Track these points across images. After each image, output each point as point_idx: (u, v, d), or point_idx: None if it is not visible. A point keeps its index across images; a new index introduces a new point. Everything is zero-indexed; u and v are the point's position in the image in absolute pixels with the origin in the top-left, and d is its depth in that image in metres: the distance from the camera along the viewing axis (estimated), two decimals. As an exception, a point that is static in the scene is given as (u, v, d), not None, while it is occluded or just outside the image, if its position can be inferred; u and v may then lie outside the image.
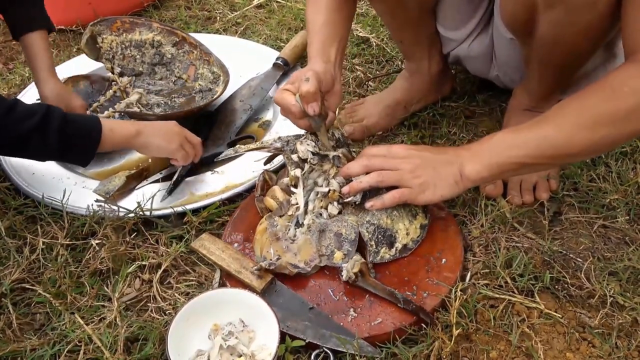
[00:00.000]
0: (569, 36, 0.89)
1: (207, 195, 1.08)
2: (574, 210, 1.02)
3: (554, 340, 0.83)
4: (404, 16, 1.11)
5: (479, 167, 0.84)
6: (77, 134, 0.96)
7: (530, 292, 0.88)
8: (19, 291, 0.93)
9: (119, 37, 1.33)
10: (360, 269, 0.85)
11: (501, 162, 0.84)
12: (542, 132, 0.81)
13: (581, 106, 0.80)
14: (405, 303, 0.83)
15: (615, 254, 0.94)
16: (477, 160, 0.84)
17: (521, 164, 0.83)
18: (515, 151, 0.83)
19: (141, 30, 1.35)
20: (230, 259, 0.90)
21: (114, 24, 1.32)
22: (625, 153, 1.12)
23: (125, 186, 1.08)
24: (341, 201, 0.93)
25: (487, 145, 0.85)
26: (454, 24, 1.13)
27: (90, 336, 0.84)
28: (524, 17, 0.92)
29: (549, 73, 1.02)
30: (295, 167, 0.96)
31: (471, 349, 0.82)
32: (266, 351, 0.79)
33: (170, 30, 1.37)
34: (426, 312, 0.82)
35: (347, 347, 0.79)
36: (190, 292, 0.92)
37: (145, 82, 1.33)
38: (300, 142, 0.96)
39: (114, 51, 1.32)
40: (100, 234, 1.00)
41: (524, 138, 0.83)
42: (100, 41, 1.30)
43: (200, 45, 1.36)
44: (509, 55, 1.10)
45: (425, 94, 1.25)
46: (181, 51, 1.37)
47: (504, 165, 0.84)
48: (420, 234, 0.93)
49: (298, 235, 0.91)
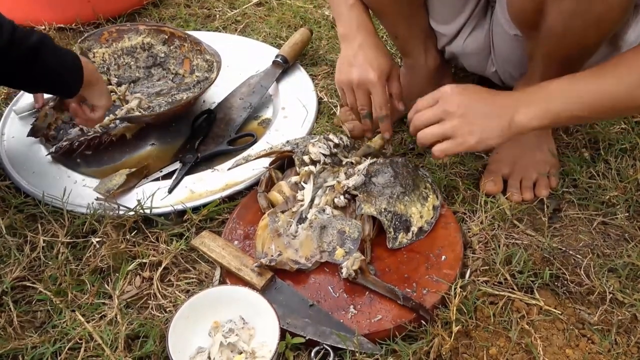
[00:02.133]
0: (578, 27, 0.87)
1: (207, 193, 1.08)
2: (573, 207, 1.03)
3: (553, 336, 0.83)
4: (396, 10, 1.11)
5: (532, 115, 0.83)
6: (65, 58, 0.99)
7: (529, 288, 0.89)
8: (19, 289, 0.94)
9: (110, 48, 1.34)
10: (360, 266, 0.85)
11: (557, 112, 0.82)
12: (603, 83, 0.80)
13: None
14: (405, 300, 0.83)
15: (614, 251, 0.95)
16: (531, 107, 0.83)
17: (577, 116, 0.83)
18: (573, 101, 0.81)
19: (129, 36, 1.36)
20: (230, 256, 0.91)
21: (101, 36, 1.34)
22: (625, 150, 1.12)
23: (125, 184, 1.08)
24: (347, 196, 0.94)
25: (545, 93, 0.83)
26: (443, 18, 1.12)
27: (91, 334, 0.84)
28: (533, 8, 0.90)
29: (553, 68, 1.01)
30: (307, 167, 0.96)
31: (471, 346, 0.82)
32: (266, 348, 0.79)
33: (157, 29, 1.37)
34: (426, 309, 0.82)
35: (347, 344, 0.80)
36: (191, 290, 0.92)
37: (144, 87, 1.34)
38: (312, 144, 0.97)
39: (108, 63, 1.34)
40: (101, 232, 1.00)
41: (584, 88, 0.81)
42: (92, 56, 1.32)
43: (189, 36, 1.36)
44: (510, 52, 1.09)
45: (424, 89, 1.24)
46: (172, 47, 1.37)
47: (559, 115, 0.83)
48: (434, 215, 0.95)
49: (300, 232, 0.91)
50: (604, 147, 1.13)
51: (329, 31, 1.60)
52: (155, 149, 1.24)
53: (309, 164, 0.97)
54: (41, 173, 1.14)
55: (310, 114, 1.27)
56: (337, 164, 0.98)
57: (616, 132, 1.17)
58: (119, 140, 1.22)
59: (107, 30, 1.34)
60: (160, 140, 1.26)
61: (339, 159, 0.99)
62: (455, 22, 1.12)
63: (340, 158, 0.99)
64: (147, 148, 1.24)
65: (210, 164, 1.16)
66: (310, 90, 1.34)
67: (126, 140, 1.23)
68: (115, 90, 1.31)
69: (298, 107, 1.29)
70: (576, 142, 1.15)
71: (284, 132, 1.21)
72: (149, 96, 1.30)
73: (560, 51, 0.96)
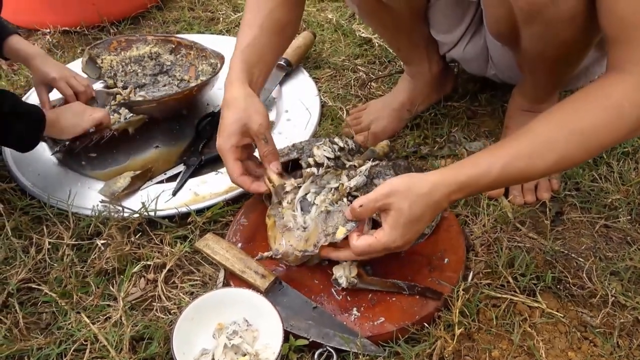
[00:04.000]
0: (551, 49, 0.89)
1: (211, 195, 1.08)
2: (575, 210, 1.03)
3: (555, 339, 0.83)
4: (396, 25, 1.12)
5: (460, 197, 0.80)
6: (26, 118, 1.04)
7: (532, 291, 0.89)
8: (25, 291, 0.94)
9: (118, 57, 1.37)
10: (357, 272, 0.85)
11: (484, 187, 0.79)
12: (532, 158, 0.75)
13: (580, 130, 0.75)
14: (411, 289, 0.84)
15: (617, 254, 0.95)
16: (459, 194, 0.78)
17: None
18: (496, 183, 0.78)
19: (138, 46, 1.38)
20: (234, 258, 0.91)
21: (110, 45, 1.37)
22: (627, 153, 1.12)
23: (130, 187, 1.09)
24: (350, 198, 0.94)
25: (474, 180, 0.77)
26: (444, 28, 1.14)
27: (96, 335, 0.85)
28: (507, 32, 0.93)
29: (541, 79, 1.03)
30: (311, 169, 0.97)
31: (473, 348, 0.82)
32: (270, 350, 0.79)
33: (165, 39, 1.39)
34: (433, 290, 0.83)
35: (350, 345, 0.80)
36: (195, 292, 0.93)
37: (150, 92, 1.35)
38: (317, 147, 0.97)
39: (115, 69, 1.36)
40: (106, 234, 1.01)
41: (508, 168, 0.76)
42: (100, 62, 1.35)
43: (195, 44, 1.37)
44: (503, 58, 1.10)
45: (428, 94, 1.25)
46: (179, 56, 1.39)
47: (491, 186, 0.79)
48: (436, 218, 0.94)
49: (309, 222, 0.90)
50: (606, 150, 1.13)
51: (332, 34, 1.60)
52: (160, 152, 1.25)
53: (313, 166, 0.97)
54: (46, 175, 1.15)
55: (314, 117, 1.27)
56: (341, 167, 0.98)
57: (618, 135, 1.17)
58: (121, 137, 1.22)
59: (117, 40, 1.37)
60: (165, 142, 1.27)
61: (342, 162, 0.99)
62: (456, 31, 1.13)
63: (344, 161, 0.99)
64: (152, 150, 1.25)
65: (214, 167, 1.16)
66: (314, 93, 1.35)
67: (130, 141, 1.24)
68: (121, 92, 1.32)
69: (301, 110, 1.29)
70: (578, 145, 1.15)
71: (288, 135, 1.22)
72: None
73: (542, 67, 0.97)
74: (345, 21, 1.65)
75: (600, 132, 0.74)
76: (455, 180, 0.76)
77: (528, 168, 0.75)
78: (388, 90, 1.34)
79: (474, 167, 0.76)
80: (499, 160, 0.75)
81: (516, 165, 0.75)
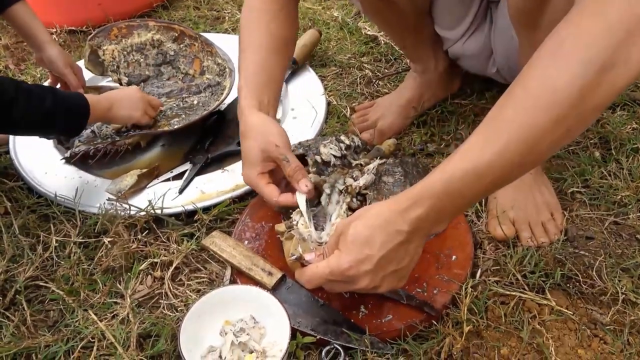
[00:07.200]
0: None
1: (218, 193, 1.08)
2: (585, 207, 1.02)
3: (565, 336, 0.82)
4: (401, 23, 1.12)
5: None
6: (72, 109, 1.03)
7: (541, 289, 0.88)
8: (32, 288, 0.95)
9: (119, 45, 1.34)
10: None
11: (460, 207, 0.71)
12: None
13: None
14: (409, 299, 0.83)
15: (627, 251, 0.94)
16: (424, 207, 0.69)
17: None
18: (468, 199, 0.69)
19: (139, 32, 1.35)
20: (241, 256, 0.91)
21: (110, 32, 1.34)
22: (637, 149, 1.11)
23: (136, 185, 1.09)
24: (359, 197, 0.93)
25: (429, 187, 0.68)
26: (449, 24, 1.13)
27: (104, 332, 0.85)
28: (533, 7, 0.88)
29: None
30: (316, 170, 0.96)
31: (482, 346, 0.82)
32: (277, 347, 0.79)
33: (167, 26, 1.37)
34: (430, 305, 0.82)
35: (357, 343, 0.80)
36: (202, 289, 0.93)
37: (154, 86, 1.34)
38: (323, 145, 0.97)
39: (117, 60, 1.34)
40: (112, 232, 1.01)
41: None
42: (101, 54, 1.32)
43: (200, 36, 1.36)
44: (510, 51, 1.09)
45: (434, 92, 1.25)
46: (182, 45, 1.37)
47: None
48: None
49: (324, 238, 0.89)
50: (615, 146, 1.12)
51: (337, 32, 1.60)
52: (166, 150, 1.25)
53: (320, 164, 0.96)
54: (53, 174, 1.15)
55: (320, 115, 1.27)
56: (347, 165, 0.98)
57: (627, 131, 1.16)
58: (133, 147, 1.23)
59: (117, 26, 1.34)
60: (171, 141, 1.27)
61: (349, 161, 0.98)
62: (460, 27, 1.12)
63: (350, 160, 0.98)
64: (158, 149, 1.25)
65: (220, 165, 1.16)
66: (320, 91, 1.34)
67: (138, 143, 1.25)
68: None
69: (307, 108, 1.29)
70: (587, 142, 1.15)
71: (293, 133, 1.21)
72: (159, 97, 1.30)
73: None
74: (351, 19, 1.65)
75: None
76: (406, 196, 0.68)
77: (493, 155, 0.62)
78: (394, 88, 1.34)
79: (427, 177, 0.67)
80: (457, 161, 0.65)
81: (480, 159, 0.62)
